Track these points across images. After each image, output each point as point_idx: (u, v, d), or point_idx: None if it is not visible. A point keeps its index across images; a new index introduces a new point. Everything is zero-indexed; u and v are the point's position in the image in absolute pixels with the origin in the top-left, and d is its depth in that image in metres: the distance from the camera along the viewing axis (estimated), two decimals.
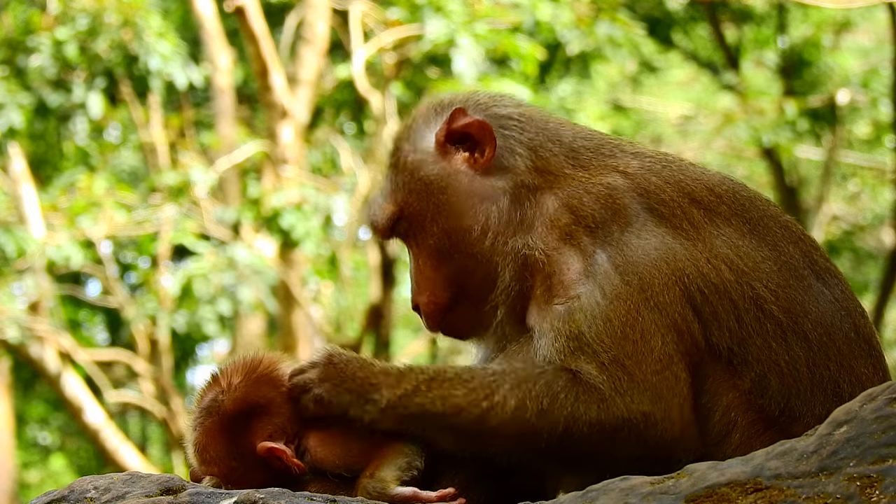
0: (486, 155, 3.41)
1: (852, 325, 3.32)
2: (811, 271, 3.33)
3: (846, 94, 19.93)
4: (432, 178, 3.44)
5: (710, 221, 3.29)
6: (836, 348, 3.27)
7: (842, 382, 3.25)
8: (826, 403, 3.20)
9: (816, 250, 3.40)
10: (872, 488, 2.61)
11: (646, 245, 3.23)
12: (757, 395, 3.21)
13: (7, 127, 14.77)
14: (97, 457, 21.92)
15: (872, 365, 3.32)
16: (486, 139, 3.41)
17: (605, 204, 3.29)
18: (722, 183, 3.39)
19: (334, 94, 16.68)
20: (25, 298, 15.69)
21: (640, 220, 3.27)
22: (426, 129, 3.50)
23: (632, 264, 3.21)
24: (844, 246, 23.84)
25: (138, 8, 14.87)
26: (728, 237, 3.28)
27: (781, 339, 3.22)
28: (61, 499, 3.14)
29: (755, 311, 3.23)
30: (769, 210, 3.41)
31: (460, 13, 14.43)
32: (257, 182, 15.74)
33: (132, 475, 3.20)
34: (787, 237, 3.36)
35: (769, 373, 3.21)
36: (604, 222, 3.27)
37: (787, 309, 3.24)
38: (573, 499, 2.85)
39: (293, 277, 15.33)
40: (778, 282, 3.26)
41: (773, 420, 3.21)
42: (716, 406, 3.21)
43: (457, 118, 3.43)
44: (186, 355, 25.40)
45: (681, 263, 3.22)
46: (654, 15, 20.10)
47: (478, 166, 3.42)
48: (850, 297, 3.37)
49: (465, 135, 3.43)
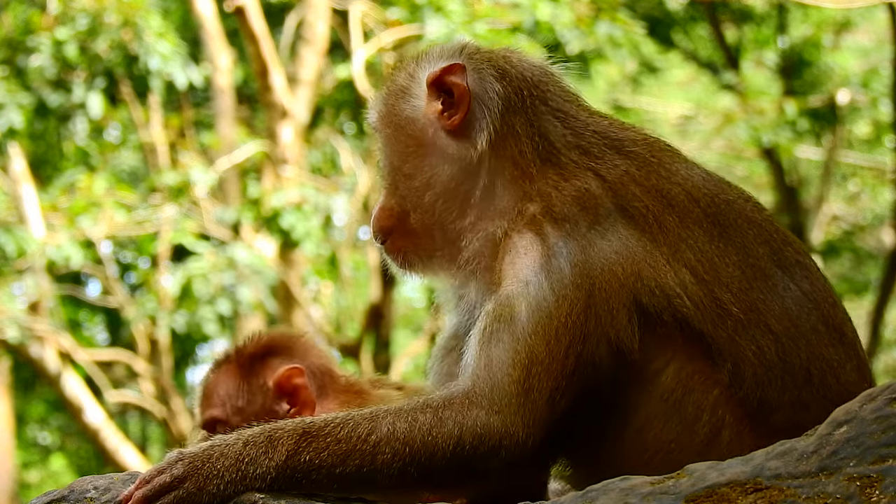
0: (453, 120, 3.45)
1: (820, 316, 3.37)
2: (779, 268, 3.39)
3: (846, 94, 19.93)
4: (404, 110, 3.52)
5: (681, 224, 3.33)
6: (804, 338, 3.32)
7: (812, 369, 3.30)
8: (797, 390, 3.28)
9: (788, 245, 3.45)
10: (872, 488, 2.61)
11: (607, 247, 3.26)
12: (736, 388, 3.25)
13: (7, 127, 14.77)
14: (97, 457, 21.92)
15: (845, 352, 3.38)
16: (461, 105, 3.45)
17: (577, 199, 3.32)
18: (703, 186, 3.42)
19: (334, 94, 16.68)
20: (25, 298, 15.69)
21: (610, 219, 3.31)
22: (428, 63, 3.56)
23: (588, 266, 3.23)
24: (844, 246, 23.85)
25: (138, 8, 14.87)
26: (695, 241, 3.33)
27: (744, 332, 3.27)
28: (61, 499, 3.14)
29: (715, 308, 3.28)
30: (745, 210, 3.45)
31: (460, 13, 14.43)
32: (257, 182, 15.74)
33: (132, 475, 3.19)
34: (758, 236, 3.41)
35: (741, 363, 3.26)
36: (572, 216, 3.30)
37: (749, 308, 3.30)
38: (573, 499, 2.85)
39: (293, 277, 15.33)
40: (739, 284, 3.32)
41: (754, 413, 3.25)
42: (703, 405, 3.24)
43: (452, 72, 3.48)
44: (186, 355, 25.40)
45: (638, 266, 3.25)
46: (654, 15, 20.09)
47: (446, 124, 3.46)
48: (820, 289, 3.42)
49: (448, 91, 3.47)
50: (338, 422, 3.10)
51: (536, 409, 3.11)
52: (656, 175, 3.40)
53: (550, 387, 3.13)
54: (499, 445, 3.07)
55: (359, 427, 3.08)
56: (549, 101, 3.52)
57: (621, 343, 3.21)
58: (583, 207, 3.30)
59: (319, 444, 3.06)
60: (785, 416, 3.24)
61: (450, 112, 3.46)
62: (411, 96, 3.53)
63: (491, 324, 3.20)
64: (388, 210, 3.53)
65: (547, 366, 3.14)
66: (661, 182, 3.39)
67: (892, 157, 21.59)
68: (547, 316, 3.17)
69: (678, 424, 3.23)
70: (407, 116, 3.52)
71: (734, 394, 3.24)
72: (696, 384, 3.24)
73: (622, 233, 3.29)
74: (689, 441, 3.21)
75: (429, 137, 3.48)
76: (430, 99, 3.50)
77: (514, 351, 3.15)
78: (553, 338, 3.16)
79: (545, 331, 3.16)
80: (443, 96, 3.48)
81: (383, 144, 3.58)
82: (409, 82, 3.56)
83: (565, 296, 3.19)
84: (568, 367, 3.16)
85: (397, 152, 3.53)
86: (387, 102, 3.57)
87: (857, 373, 3.38)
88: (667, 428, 3.23)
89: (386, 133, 3.56)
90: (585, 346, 3.18)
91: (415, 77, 3.56)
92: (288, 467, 3.05)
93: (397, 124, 3.53)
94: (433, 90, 3.49)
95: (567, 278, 3.21)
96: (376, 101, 3.62)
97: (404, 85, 3.56)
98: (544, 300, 3.19)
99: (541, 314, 3.18)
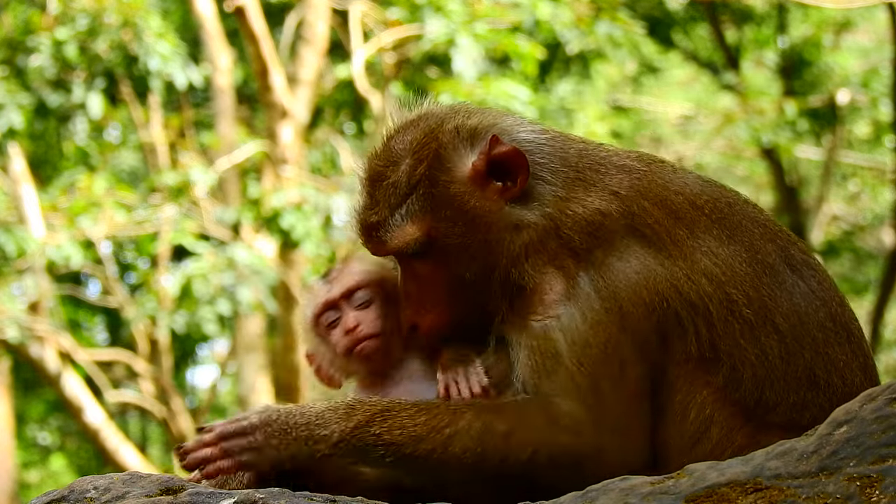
0: (520, 184, 3.39)
1: (828, 314, 3.37)
2: (786, 265, 3.40)
3: (846, 93, 19.93)
4: (471, 212, 3.40)
5: (692, 235, 3.35)
6: (811, 336, 3.32)
7: (817, 370, 3.30)
8: (801, 391, 3.28)
9: (794, 245, 3.47)
10: (872, 488, 2.61)
11: (627, 269, 3.28)
12: (732, 390, 3.25)
13: (7, 127, 14.76)
14: (97, 457, 21.92)
15: (852, 351, 3.37)
16: (521, 168, 3.39)
17: (593, 231, 3.33)
18: (703, 193, 3.44)
19: (334, 94, 16.68)
20: (25, 298, 15.69)
21: (626, 243, 3.32)
22: (457, 155, 3.45)
23: (613, 289, 3.26)
24: (844, 246, 23.85)
25: (138, 8, 14.86)
26: (708, 248, 3.34)
27: (749, 335, 3.28)
28: (61, 499, 3.14)
29: (726, 315, 3.28)
30: (747, 211, 3.48)
31: (460, 13, 14.43)
32: (257, 182, 15.73)
33: (132, 475, 3.19)
34: (763, 235, 3.42)
35: (740, 366, 3.26)
36: (590, 249, 3.31)
37: (759, 306, 3.31)
38: (573, 499, 2.85)
39: (293, 277, 15.32)
40: (751, 282, 3.32)
41: (751, 412, 3.25)
42: (691, 404, 3.26)
43: (495, 146, 3.40)
44: (186, 355, 25.43)
45: (661, 286, 3.27)
46: (654, 15, 20.09)
47: (509, 195, 3.40)
48: (827, 288, 3.43)
49: (502, 164, 3.40)
50: (421, 406, 3.20)
51: (622, 428, 3.18)
52: (657, 186, 3.42)
53: (624, 407, 3.20)
54: (591, 465, 3.13)
55: (438, 417, 3.17)
56: (553, 134, 3.54)
57: (655, 360, 3.25)
58: (596, 237, 3.31)
59: (394, 423, 3.17)
60: (785, 417, 3.25)
61: (510, 181, 3.40)
62: (468, 195, 3.41)
63: (538, 359, 3.23)
64: (441, 321, 3.44)
65: (611, 390, 3.20)
66: (664, 192, 3.41)
67: (892, 157, 21.58)
68: (584, 346, 3.21)
69: (663, 420, 3.26)
70: (480, 217, 3.39)
71: (728, 395, 3.25)
72: (682, 385, 3.26)
73: (639, 253, 3.30)
74: (677, 437, 3.24)
75: (503, 219, 3.39)
76: (486, 184, 3.40)
77: (578, 378, 3.20)
78: (601, 363, 3.20)
79: (590, 359, 3.21)
80: (494, 175, 3.40)
81: (458, 253, 3.40)
82: (459, 186, 3.41)
83: (598, 321, 3.23)
84: (629, 386, 3.21)
85: (481, 250, 3.38)
86: (447, 217, 3.40)
87: (863, 372, 3.38)
88: (657, 425, 3.26)
89: (463, 243, 3.40)
90: (634, 365, 3.23)
91: (456, 178, 3.42)
92: (355, 436, 3.16)
93: (474, 229, 3.39)
94: (486, 175, 3.40)
95: (596, 304, 3.25)
96: (427, 226, 3.41)
97: (457, 191, 3.40)
98: (577, 330, 3.23)
99: (578, 345, 3.22)
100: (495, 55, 14.81)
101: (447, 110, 3.56)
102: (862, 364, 3.38)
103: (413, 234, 3.41)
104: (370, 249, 3.52)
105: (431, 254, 3.42)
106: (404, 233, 3.42)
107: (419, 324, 3.46)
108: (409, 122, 3.55)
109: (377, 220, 3.45)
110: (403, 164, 3.46)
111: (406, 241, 3.42)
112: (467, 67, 14.07)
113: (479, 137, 3.45)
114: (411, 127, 3.53)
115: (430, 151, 3.44)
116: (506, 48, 14.58)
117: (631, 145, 20.38)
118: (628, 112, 22.92)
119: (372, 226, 3.47)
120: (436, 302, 3.43)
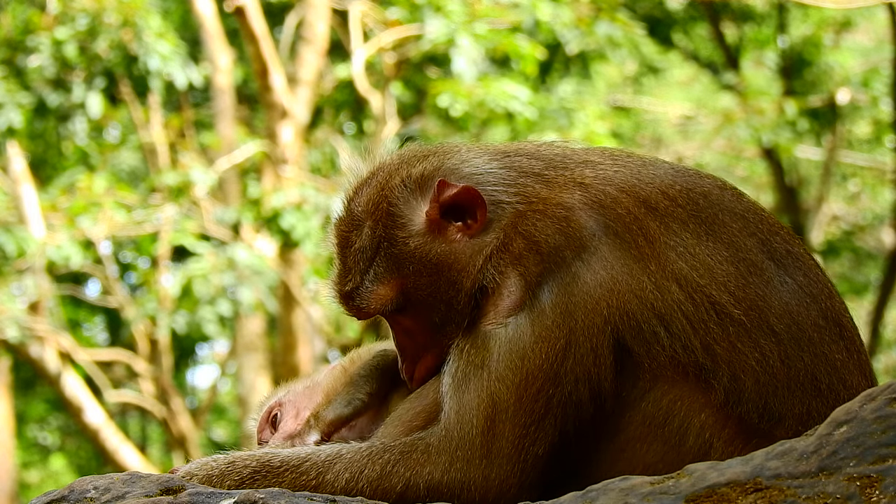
0: (479, 219, 3.39)
1: (819, 310, 3.27)
2: (771, 260, 3.29)
3: (846, 93, 19.93)
4: (435, 259, 3.40)
5: (667, 230, 3.26)
6: (807, 337, 3.23)
7: (818, 374, 3.20)
8: (805, 400, 3.18)
9: (776, 235, 3.35)
10: (872, 488, 2.60)
11: (591, 280, 3.21)
12: (733, 404, 3.16)
13: (7, 127, 14.77)
14: (97, 457, 21.92)
15: (846, 348, 3.27)
16: (475, 204, 3.38)
17: (560, 228, 3.27)
18: (674, 183, 3.34)
19: (334, 94, 16.68)
20: (25, 298, 15.68)
21: (594, 242, 3.24)
22: (409, 208, 3.45)
23: (569, 304, 3.20)
24: (844, 246, 23.86)
25: (138, 8, 14.87)
26: (684, 246, 3.25)
27: (746, 337, 3.18)
28: (61, 499, 3.14)
29: (714, 317, 3.19)
30: (724, 202, 3.36)
31: (460, 13, 14.44)
32: (257, 182, 15.74)
33: (132, 475, 3.19)
34: (743, 229, 3.31)
35: (742, 374, 3.17)
36: (557, 248, 3.25)
37: (749, 307, 3.21)
38: (573, 499, 2.85)
39: (293, 277, 15.33)
40: (736, 282, 3.23)
41: (755, 428, 3.15)
42: (689, 429, 3.17)
43: (444, 190, 3.40)
44: (186, 355, 25.45)
45: (624, 298, 3.19)
46: (654, 15, 20.11)
47: (472, 232, 3.40)
48: (815, 280, 3.31)
49: (455, 206, 3.40)
50: (290, 465, 3.24)
51: (503, 458, 3.14)
52: (624, 175, 3.36)
53: (518, 434, 3.15)
54: (456, 499, 3.13)
55: (310, 472, 3.22)
56: (500, 150, 3.53)
57: (603, 381, 3.18)
58: (563, 234, 3.25)
59: (271, 482, 3.21)
60: (789, 430, 3.13)
61: (470, 218, 3.39)
62: (429, 244, 3.41)
63: (463, 368, 3.23)
64: (430, 365, 3.45)
65: (513, 413, 3.15)
66: (633, 181, 3.34)
67: (892, 157, 21.59)
68: (520, 358, 3.18)
69: (663, 446, 3.18)
70: (447, 262, 3.39)
71: (730, 412, 3.15)
72: (680, 409, 3.18)
73: (607, 257, 3.23)
74: (677, 461, 3.11)
75: (470, 254, 3.38)
76: (445, 228, 3.40)
77: (478, 399, 3.18)
78: (524, 381, 3.16)
79: (514, 374, 3.17)
80: (450, 217, 3.40)
81: (432, 302, 3.41)
82: (418, 239, 3.43)
83: (544, 337, 3.18)
84: (537, 412, 3.15)
85: (455, 288, 3.39)
86: (414, 271, 3.41)
87: (859, 371, 3.27)
88: (651, 450, 3.19)
89: (435, 290, 3.40)
90: (561, 388, 3.16)
91: (413, 232, 3.43)
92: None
93: (444, 275, 3.39)
94: (442, 221, 3.40)
95: (548, 319, 3.19)
96: (398, 284, 3.44)
97: (417, 245, 3.42)
98: (520, 341, 3.19)
99: (513, 356, 3.18)
100: (495, 55, 14.82)
101: (396, 161, 3.55)
102: (857, 362, 3.27)
103: (387, 296, 3.44)
104: (353, 315, 3.55)
105: (410, 306, 3.44)
106: (378, 296, 3.44)
107: (415, 374, 3.48)
108: (364, 181, 3.56)
109: (351, 287, 3.48)
110: (365, 228, 3.48)
111: (382, 304, 3.45)
112: (467, 68, 14.09)
113: (426, 185, 3.44)
114: (365, 186, 3.54)
115: (383, 212, 3.46)
116: (506, 48, 14.59)
117: (631, 145, 20.40)
118: (628, 112, 22.93)
119: (348, 294, 3.50)
120: (427, 347, 3.46)
